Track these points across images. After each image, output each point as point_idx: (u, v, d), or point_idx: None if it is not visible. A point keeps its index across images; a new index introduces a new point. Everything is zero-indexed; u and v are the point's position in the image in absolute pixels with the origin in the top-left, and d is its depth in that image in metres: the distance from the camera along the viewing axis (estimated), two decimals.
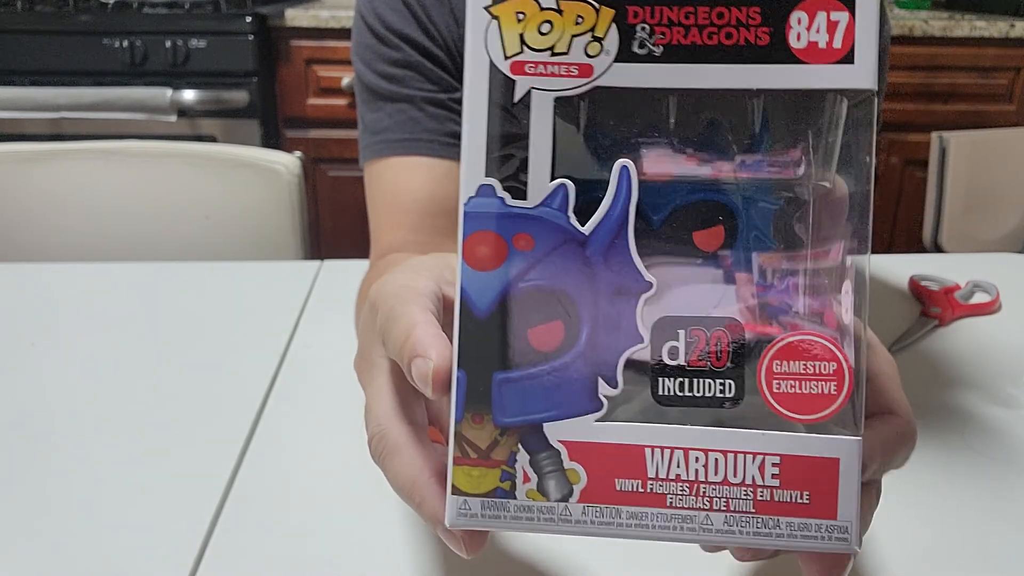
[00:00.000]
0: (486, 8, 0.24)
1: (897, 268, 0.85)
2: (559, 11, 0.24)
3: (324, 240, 2.03)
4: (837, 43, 0.24)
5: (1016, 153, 1.54)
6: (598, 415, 0.24)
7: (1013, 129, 1.64)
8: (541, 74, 0.24)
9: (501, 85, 0.24)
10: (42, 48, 1.84)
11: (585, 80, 0.24)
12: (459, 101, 0.69)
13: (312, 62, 1.91)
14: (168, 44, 1.82)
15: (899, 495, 0.52)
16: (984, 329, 0.73)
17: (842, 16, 0.24)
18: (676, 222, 0.24)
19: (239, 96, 1.83)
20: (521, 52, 0.24)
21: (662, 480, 0.24)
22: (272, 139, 1.95)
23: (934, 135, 1.50)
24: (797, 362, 0.24)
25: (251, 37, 1.82)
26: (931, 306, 0.76)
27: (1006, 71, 1.99)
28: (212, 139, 1.87)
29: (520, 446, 0.24)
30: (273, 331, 0.71)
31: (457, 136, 0.68)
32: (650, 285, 0.24)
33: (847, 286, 0.24)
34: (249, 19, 1.82)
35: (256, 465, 0.54)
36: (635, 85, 0.24)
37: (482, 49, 0.24)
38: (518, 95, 0.24)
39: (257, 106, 1.86)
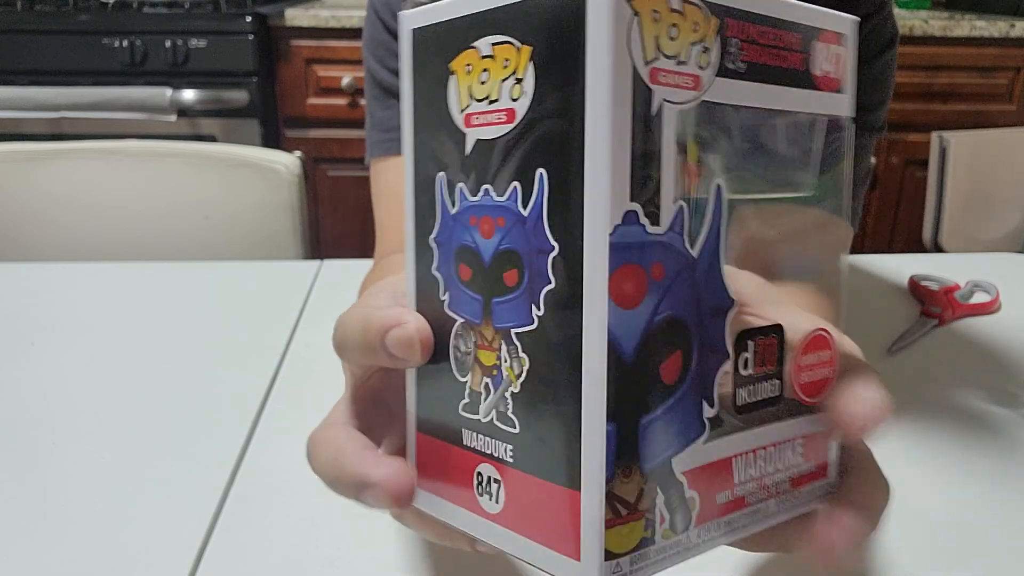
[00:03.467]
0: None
1: (897, 268, 0.85)
2: (682, 13, 0.21)
3: (324, 240, 2.03)
4: (837, 73, 0.26)
5: (1016, 153, 1.54)
6: (704, 437, 0.23)
7: (1013, 129, 1.64)
8: (670, 84, 0.21)
9: (642, 95, 0.21)
10: (42, 48, 1.84)
11: (696, 94, 0.22)
12: None
13: (312, 62, 1.91)
14: (168, 44, 1.82)
15: (898, 495, 0.52)
16: (984, 329, 0.73)
17: (842, 51, 0.26)
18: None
19: (239, 96, 1.83)
20: (657, 58, 0.21)
21: (742, 483, 0.25)
22: (272, 139, 1.95)
23: (934, 135, 1.50)
24: (814, 353, 0.26)
25: (251, 37, 1.82)
26: (931, 306, 0.76)
27: (1006, 71, 2.00)
28: (212, 139, 1.87)
29: (658, 489, 0.22)
30: (273, 331, 0.71)
31: None
32: (734, 301, 0.23)
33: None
34: (249, 19, 1.82)
35: (256, 465, 0.54)
36: (729, 102, 0.23)
37: (624, 51, 0.20)
38: (655, 107, 0.21)
39: (257, 106, 1.86)
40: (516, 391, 0.23)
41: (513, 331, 0.23)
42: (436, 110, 0.25)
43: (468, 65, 0.24)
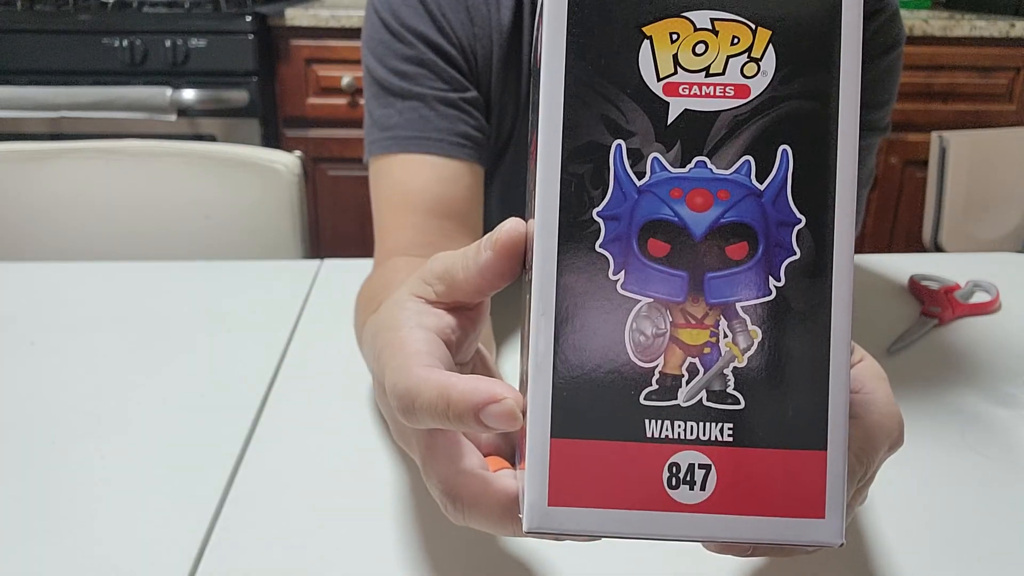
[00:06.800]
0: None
1: (897, 268, 0.86)
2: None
3: (324, 240, 2.03)
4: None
5: (1016, 153, 1.54)
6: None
7: (1013, 129, 1.64)
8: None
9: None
10: (42, 48, 1.84)
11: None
12: (471, 101, 0.69)
13: (312, 62, 1.91)
14: (168, 43, 1.82)
15: (899, 494, 0.52)
16: (984, 329, 0.74)
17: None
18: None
19: (239, 96, 1.83)
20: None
21: None
22: (272, 139, 1.95)
23: (934, 135, 1.50)
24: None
25: (251, 36, 1.82)
26: (931, 306, 0.76)
27: (1006, 71, 1.99)
28: (212, 139, 1.87)
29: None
30: (273, 331, 0.71)
31: (467, 137, 0.68)
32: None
33: None
34: (249, 18, 1.82)
35: (256, 465, 0.54)
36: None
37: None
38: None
39: (257, 106, 1.86)
40: (742, 365, 0.24)
41: (739, 304, 0.24)
42: (615, 75, 0.25)
43: (674, 33, 0.24)
